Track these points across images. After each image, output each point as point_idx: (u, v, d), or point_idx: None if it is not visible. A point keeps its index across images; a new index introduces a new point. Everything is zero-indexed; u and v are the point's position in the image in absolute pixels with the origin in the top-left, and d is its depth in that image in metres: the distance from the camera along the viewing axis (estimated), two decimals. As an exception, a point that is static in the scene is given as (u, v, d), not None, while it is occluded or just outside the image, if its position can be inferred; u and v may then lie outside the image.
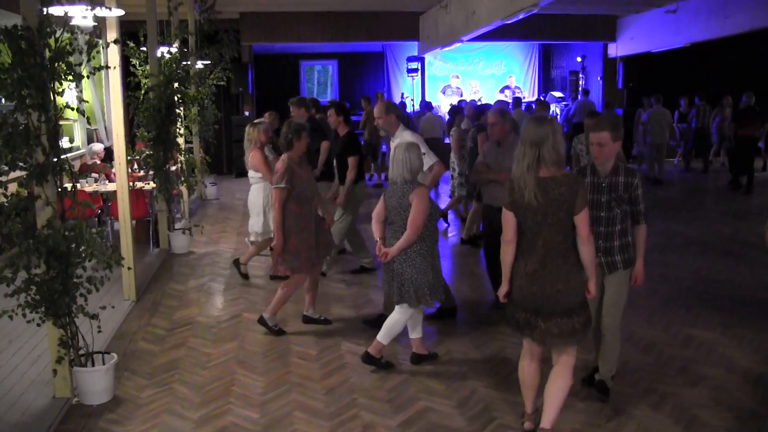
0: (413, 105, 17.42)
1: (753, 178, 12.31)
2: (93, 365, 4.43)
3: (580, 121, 14.71)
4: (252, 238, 7.25)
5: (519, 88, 18.86)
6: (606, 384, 4.35)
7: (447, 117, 14.11)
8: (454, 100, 16.81)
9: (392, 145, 5.68)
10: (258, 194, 6.98)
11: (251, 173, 7.02)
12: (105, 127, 12.37)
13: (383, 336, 4.73)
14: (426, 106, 15.58)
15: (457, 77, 18.91)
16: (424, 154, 5.34)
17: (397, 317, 4.73)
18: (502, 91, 18.50)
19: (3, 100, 4.13)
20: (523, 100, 17.27)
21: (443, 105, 17.85)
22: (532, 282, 3.56)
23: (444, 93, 17.96)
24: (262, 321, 5.58)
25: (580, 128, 14.52)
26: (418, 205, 4.46)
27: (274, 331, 5.54)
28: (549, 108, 9.97)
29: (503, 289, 3.74)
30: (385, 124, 5.92)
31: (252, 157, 6.82)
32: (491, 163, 5.75)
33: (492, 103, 13.87)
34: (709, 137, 14.77)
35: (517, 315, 3.69)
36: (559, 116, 16.36)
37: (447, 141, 12.56)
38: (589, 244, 3.53)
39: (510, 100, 17.78)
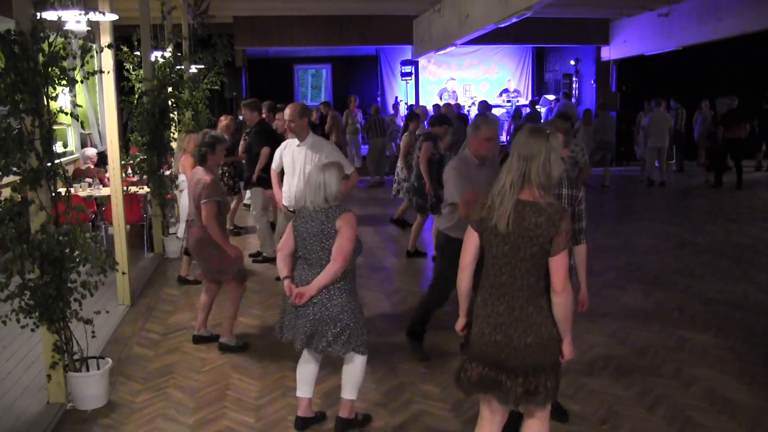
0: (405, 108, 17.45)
1: (742, 176, 12.93)
2: (87, 370, 4.41)
3: None
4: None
5: (518, 91, 18.92)
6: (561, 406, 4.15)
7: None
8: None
9: (301, 150, 5.71)
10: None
11: (182, 178, 7.13)
12: (99, 132, 12.35)
13: (350, 392, 3.98)
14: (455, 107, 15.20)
15: (453, 80, 18.95)
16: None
17: (356, 365, 3.93)
18: (500, 95, 18.56)
19: (-4, 104, 4.12)
20: (518, 104, 17.36)
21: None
22: (496, 329, 2.93)
23: (440, 97, 17.99)
24: (223, 347, 5.32)
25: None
26: (347, 232, 3.70)
27: (239, 348, 5.33)
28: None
29: (461, 322, 3.20)
30: (297, 128, 5.72)
31: (185, 160, 6.86)
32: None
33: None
34: (683, 137, 15.37)
35: (472, 369, 3.04)
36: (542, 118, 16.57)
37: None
38: (564, 296, 2.87)
39: (507, 104, 17.93)
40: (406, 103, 17.68)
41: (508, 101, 18.19)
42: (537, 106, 17.01)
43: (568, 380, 4.67)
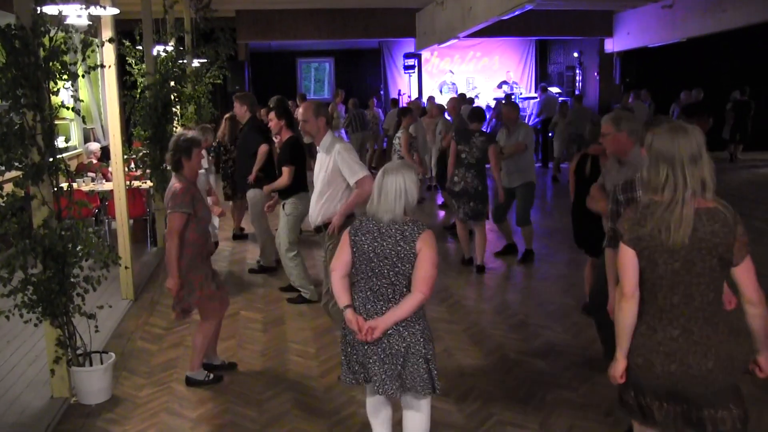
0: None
1: None
2: (91, 365, 4.42)
3: (547, 117, 14.85)
4: None
5: (516, 83, 18.85)
6: None
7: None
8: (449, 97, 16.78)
9: (319, 156, 4.87)
10: None
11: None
12: (101, 126, 12.36)
13: None
14: (463, 99, 14.51)
15: (452, 73, 18.91)
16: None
17: (425, 409, 3.35)
18: (499, 86, 18.49)
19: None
20: (520, 96, 17.30)
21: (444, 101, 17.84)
22: (670, 358, 2.60)
23: (441, 90, 17.95)
24: (190, 381, 4.66)
25: (545, 123, 14.80)
26: (431, 255, 3.11)
27: (209, 382, 4.66)
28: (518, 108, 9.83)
29: (619, 367, 2.74)
30: (313, 129, 4.85)
31: None
32: (609, 187, 4.26)
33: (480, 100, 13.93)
34: None
35: (641, 400, 2.72)
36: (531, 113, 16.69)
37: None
38: (759, 306, 2.58)
39: (504, 95, 17.85)
40: (409, 96, 17.64)
41: (511, 93, 18.14)
42: (537, 99, 16.96)
43: (573, 373, 4.67)
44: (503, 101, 12.44)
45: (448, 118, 10.43)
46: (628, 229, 2.60)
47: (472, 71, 19.20)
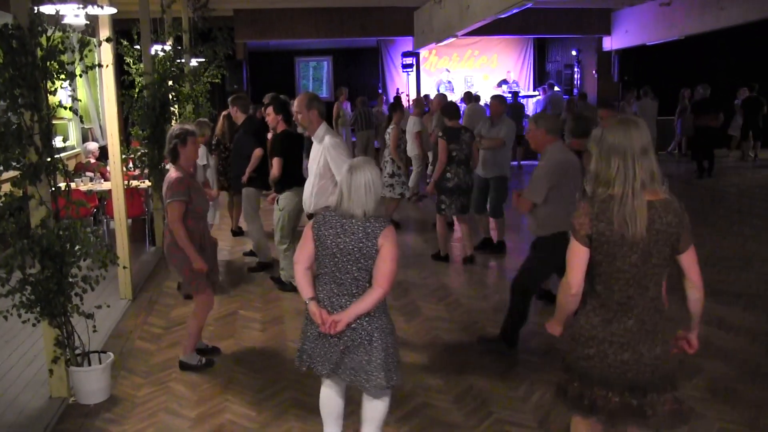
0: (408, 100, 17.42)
1: (713, 165, 13.22)
2: (89, 365, 4.41)
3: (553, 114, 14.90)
4: None
5: (516, 82, 18.86)
6: None
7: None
8: (452, 95, 16.79)
9: (314, 148, 5.22)
10: None
11: None
12: (100, 126, 12.33)
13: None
14: (470, 97, 14.50)
15: (448, 71, 18.90)
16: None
17: (386, 399, 3.47)
18: (499, 85, 18.49)
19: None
20: (519, 94, 17.29)
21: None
22: (623, 347, 2.67)
23: (438, 89, 17.93)
24: (183, 366, 4.85)
25: None
26: (391, 250, 3.18)
27: (202, 366, 4.86)
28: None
29: (558, 328, 2.94)
30: (305, 121, 5.21)
31: None
32: None
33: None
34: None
35: (585, 393, 2.77)
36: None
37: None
38: (702, 290, 2.76)
39: (508, 95, 17.85)
40: (407, 95, 17.63)
41: (510, 92, 18.13)
42: (538, 96, 16.97)
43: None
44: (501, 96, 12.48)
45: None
46: (587, 225, 2.63)
47: (469, 70, 19.20)
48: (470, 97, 13.58)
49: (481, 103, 13.83)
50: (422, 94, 16.74)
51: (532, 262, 5.02)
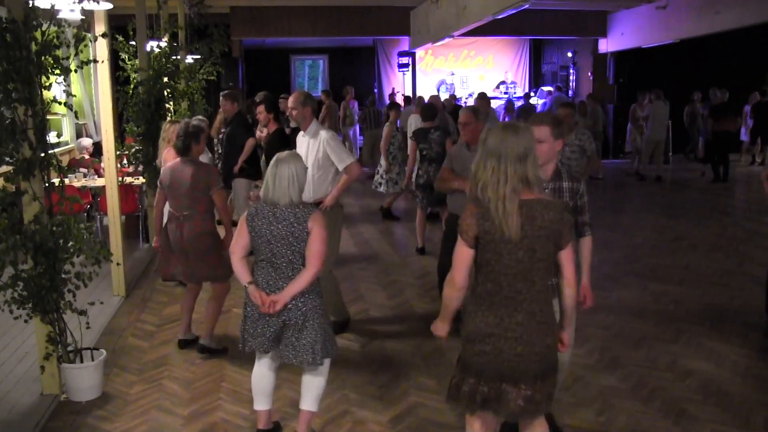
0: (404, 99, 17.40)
1: (728, 169, 13.12)
2: (81, 362, 4.39)
3: None
4: None
5: (515, 83, 18.88)
6: None
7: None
8: (448, 95, 16.77)
9: (303, 143, 5.37)
10: None
11: None
12: (94, 122, 12.28)
13: (312, 403, 3.74)
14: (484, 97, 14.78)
15: (452, 74, 18.91)
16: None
17: (322, 373, 3.73)
18: (497, 86, 18.52)
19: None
20: (514, 96, 17.31)
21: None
22: (517, 341, 2.76)
23: (438, 90, 17.94)
24: (204, 349, 5.06)
25: None
26: (320, 232, 3.47)
27: (220, 351, 5.09)
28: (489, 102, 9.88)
29: (444, 328, 3.07)
30: (299, 117, 5.42)
31: (167, 153, 6.50)
32: (458, 170, 5.02)
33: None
34: (670, 130, 15.35)
35: (479, 388, 2.84)
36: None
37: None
38: (576, 287, 2.93)
39: (505, 95, 17.87)
40: (403, 95, 17.61)
41: (506, 93, 18.15)
42: (535, 98, 16.97)
43: (566, 372, 4.67)
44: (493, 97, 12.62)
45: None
46: (474, 226, 2.72)
47: (465, 70, 19.21)
48: (484, 98, 13.48)
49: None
50: (418, 95, 16.73)
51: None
